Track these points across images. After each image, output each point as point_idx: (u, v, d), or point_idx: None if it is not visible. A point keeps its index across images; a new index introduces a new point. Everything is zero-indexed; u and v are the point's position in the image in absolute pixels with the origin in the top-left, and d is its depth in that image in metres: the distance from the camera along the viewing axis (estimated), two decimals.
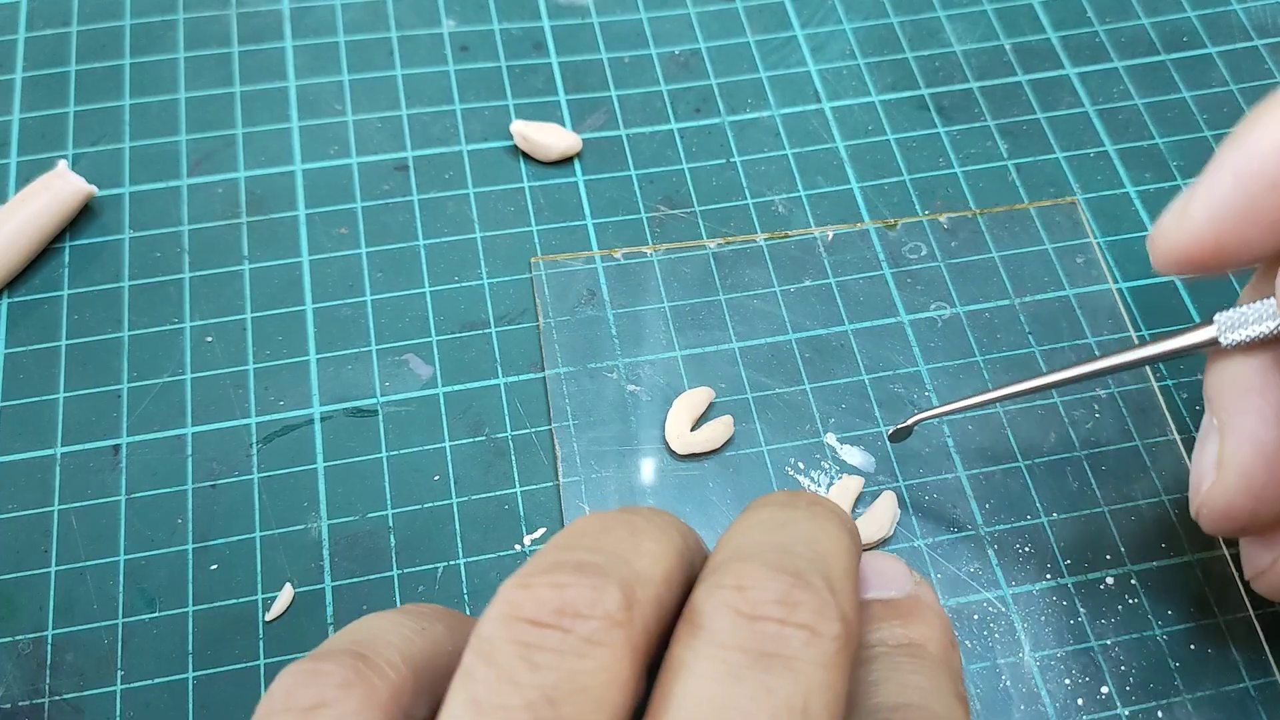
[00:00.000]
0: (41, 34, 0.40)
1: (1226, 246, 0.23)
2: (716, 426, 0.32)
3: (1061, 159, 0.38)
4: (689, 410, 0.32)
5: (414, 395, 0.33)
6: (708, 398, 0.33)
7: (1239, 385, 0.24)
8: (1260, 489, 0.23)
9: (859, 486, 0.31)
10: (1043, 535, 0.31)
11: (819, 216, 0.36)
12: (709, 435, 0.32)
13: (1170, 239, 0.23)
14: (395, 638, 0.18)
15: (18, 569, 0.30)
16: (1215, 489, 0.24)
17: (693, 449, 0.32)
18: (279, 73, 0.39)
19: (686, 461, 0.32)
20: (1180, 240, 0.23)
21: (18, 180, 0.37)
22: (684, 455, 0.32)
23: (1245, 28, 0.42)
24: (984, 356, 0.34)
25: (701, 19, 0.41)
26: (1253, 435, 0.23)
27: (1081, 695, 0.29)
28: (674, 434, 0.32)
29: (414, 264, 0.35)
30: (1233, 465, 0.23)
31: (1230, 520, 0.24)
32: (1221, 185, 0.22)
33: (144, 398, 0.33)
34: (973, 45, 0.41)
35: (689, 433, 0.32)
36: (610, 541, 0.17)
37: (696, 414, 0.32)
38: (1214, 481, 0.24)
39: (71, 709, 0.28)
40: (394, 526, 0.31)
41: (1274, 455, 0.23)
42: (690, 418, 0.32)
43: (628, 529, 0.18)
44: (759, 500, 0.20)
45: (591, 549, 0.17)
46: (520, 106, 0.39)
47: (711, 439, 0.32)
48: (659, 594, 0.16)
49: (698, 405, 0.32)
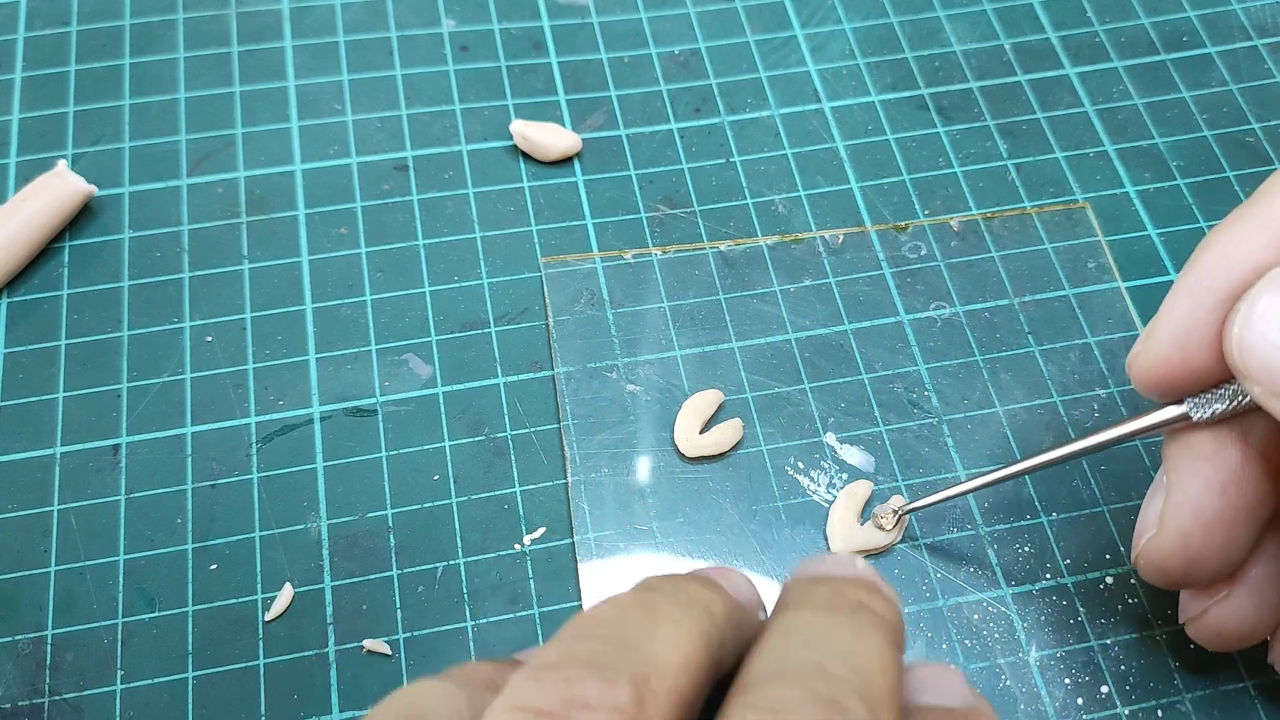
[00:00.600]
0: (41, 34, 0.40)
1: (1194, 363, 0.23)
2: (725, 429, 0.32)
3: (1061, 159, 0.38)
4: (698, 412, 0.32)
5: (414, 395, 0.33)
6: (717, 400, 0.32)
7: (1192, 450, 0.24)
8: (1195, 551, 0.24)
9: (868, 491, 0.31)
10: (1043, 535, 0.31)
11: (819, 216, 0.36)
12: (718, 438, 0.32)
13: (1142, 363, 0.24)
14: (446, 713, 0.17)
15: (18, 569, 0.30)
16: (1153, 543, 0.25)
17: (702, 451, 0.32)
18: (279, 73, 0.39)
19: (694, 464, 0.32)
20: (1151, 363, 0.24)
21: (18, 180, 0.37)
22: (693, 458, 0.32)
23: (1245, 28, 0.42)
24: (984, 356, 0.34)
25: (701, 19, 0.41)
26: (1195, 500, 0.24)
27: (1081, 695, 0.29)
28: (683, 436, 0.32)
29: (414, 264, 0.35)
30: (1172, 525, 0.24)
31: (1164, 574, 0.25)
32: (1180, 306, 0.23)
33: (143, 397, 0.33)
34: (973, 45, 0.41)
35: (698, 435, 0.32)
36: (625, 630, 0.17)
37: (706, 416, 0.32)
38: (1153, 536, 0.25)
39: (71, 709, 0.28)
40: (394, 526, 0.31)
41: (1211, 522, 0.24)
42: (700, 420, 0.32)
43: (645, 613, 0.17)
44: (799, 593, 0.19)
45: (605, 638, 0.16)
46: (520, 106, 0.39)
47: (720, 441, 0.32)
48: (677, 683, 0.16)
49: (707, 407, 0.32)
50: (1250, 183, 0.38)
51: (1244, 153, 0.38)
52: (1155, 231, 0.37)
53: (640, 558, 0.30)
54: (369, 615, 0.29)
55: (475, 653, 0.29)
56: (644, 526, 0.31)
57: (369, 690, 0.28)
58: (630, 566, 0.30)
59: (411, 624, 0.29)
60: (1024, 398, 0.33)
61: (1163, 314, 0.24)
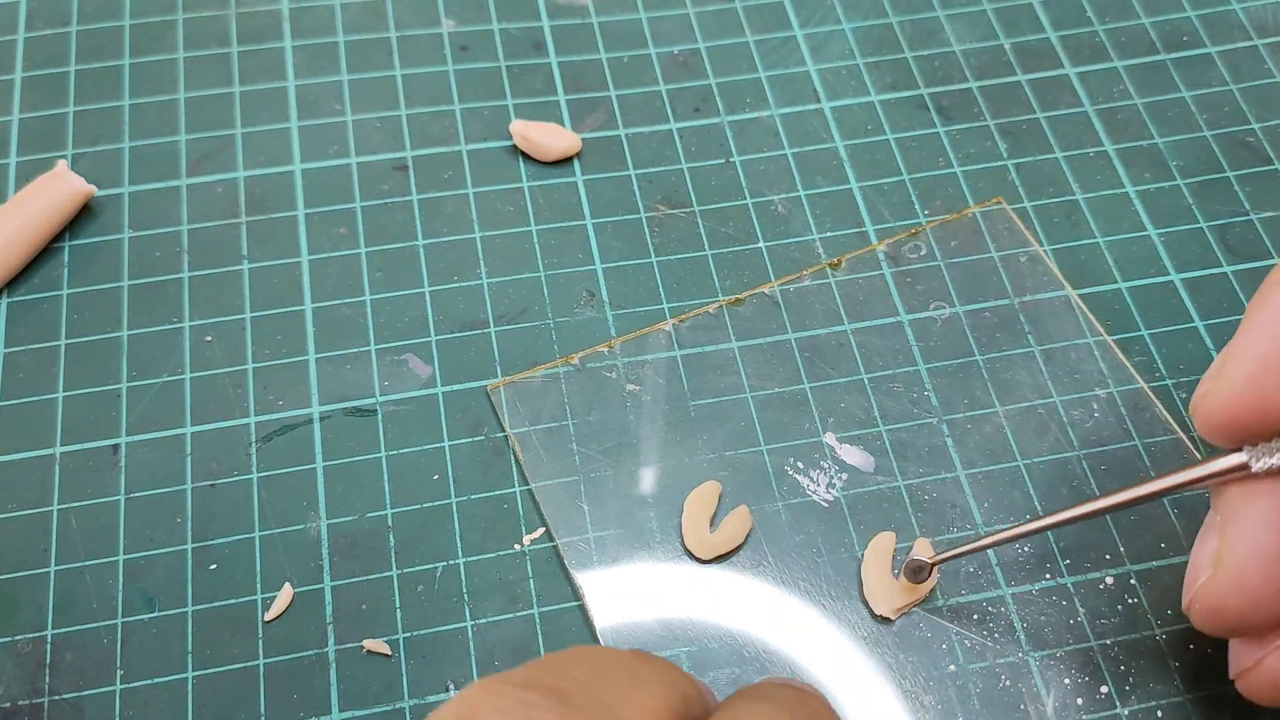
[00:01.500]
0: (41, 34, 0.40)
1: (1271, 406, 0.22)
2: (735, 521, 0.30)
3: (1061, 159, 0.38)
4: (703, 509, 0.30)
5: (413, 395, 0.33)
6: (716, 491, 0.31)
7: (1249, 485, 0.23)
8: (1255, 591, 0.23)
9: (892, 542, 0.30)
10: (1043, 535, 0.31)
11: (818, 217, 0.36)
12: (730, 533, 0.30)
13: (1211, 404, 0.23)
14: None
15: (17, 569, 0.30)
16: (1209, 585, 0.24)
17: (718, 550, 0.30)
18: (278, 73, 0.39)
19: (711, 565, 0.30)
20: (1220, 404, 0.22)
21: (17, 180, 0.37)
22: (710, 560, 0.30)
23: (1245, 28, 0.42)
24: (984, 356, 0.34)
25: (701, 19, 0.41)
26: (1254, 537, 0.23)
27: (1081, 695, 0.29)
28: (694, 539, 0.30)
29: (413, 264, 0.35)
30: (1230, 564, 0.23)
31: (1220, 618, 0.24)
32: (1257, 343, 0.22)
33: (143, 397, 0.33)
34: (972, 45, 0.41)
35: (709, 535, 0.30)
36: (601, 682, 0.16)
37: (710, 511, 0.31)
38: (1209, 578, 0.24)
39: (71, 709, 0.28)
40: (393, 526, 0.31)
41: (1272, 561, 0.23)
42: (706, 517, 0.30)
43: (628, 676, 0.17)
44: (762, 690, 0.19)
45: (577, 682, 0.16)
46: (520, 106, 0.39)
47: (734, 535, 0.30)
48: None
49: (710, 501, 0.31)
50: (1250, 183, 0.38)
51: (1244, 153, 0.38)
52: (1155, 232, 0.37)
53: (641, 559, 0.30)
54: (369, 615, 0.29)
55: (475, 652, 0.29)
56: (647, 527, 0.31)
57: (369, 690, 0.28)
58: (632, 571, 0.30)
59: (411, 624, 0.29)
60: (1024, 398, 0.33)
61: (1236, 351, 0.22)
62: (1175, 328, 0.35)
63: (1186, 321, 0.35)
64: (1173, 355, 0.34)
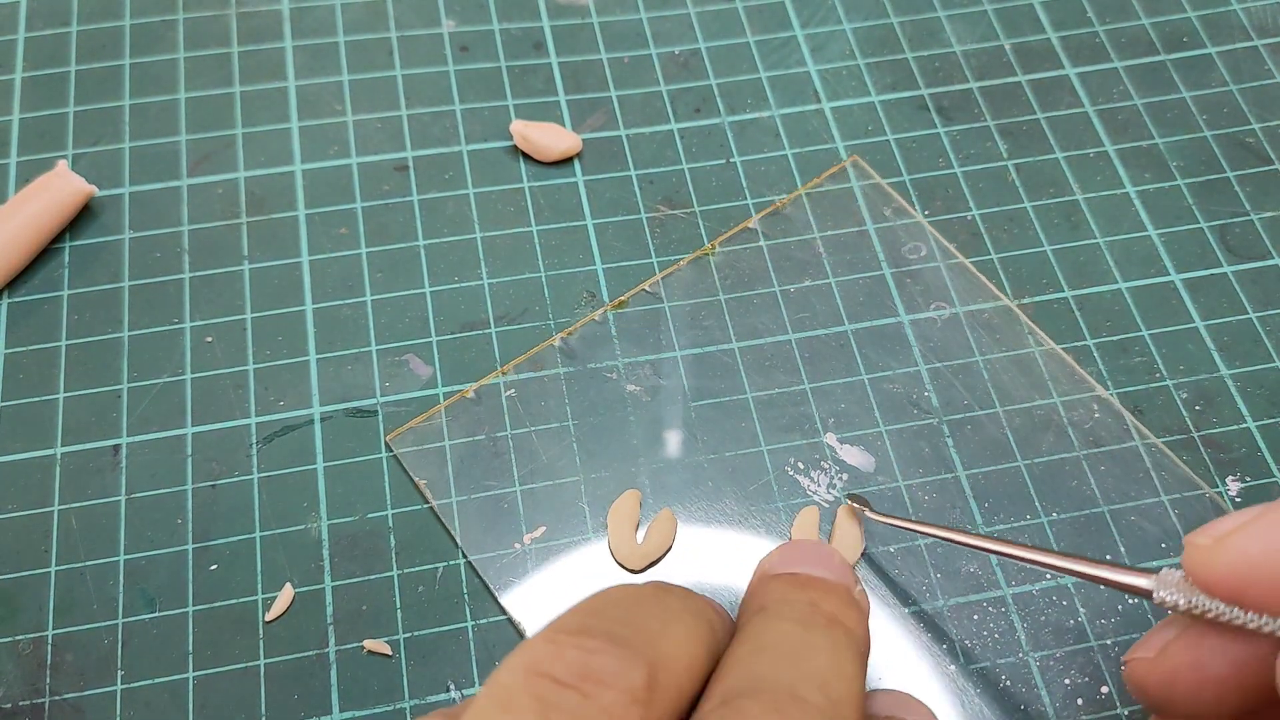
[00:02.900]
0: (41, 34, 0.40)
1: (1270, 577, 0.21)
2: (660, 525, 0.30)
3: (1061, 159, 0.38)
4: (628, 520, 0.30)
5: (414, 395, 0.33)
6: (636, 499, 0.31)
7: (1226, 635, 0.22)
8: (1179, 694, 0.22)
9: (816, 516, 0.31)
10: (1043, 535, 0.31)
11: (818, 217, 0.36)
12: (658, 539, 0.30)
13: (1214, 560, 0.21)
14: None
15: (18, 569, 0.30)
16: (1143, 666, 0.23)
17: (649, 558, 0.30)
18: (279, 73, 0.39)
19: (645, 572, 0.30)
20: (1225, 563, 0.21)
21: (18, 180, 0.37)
22: (642, 568, 0.30)
23: (1245, 28, 0.42)
24: (983, 357, 0.34)
25: (701, 19, 0.41)
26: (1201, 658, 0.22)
27: (1081, 695, 0.29)
28: (623, 551, 0.30)
29: (414, 264, 0.35)
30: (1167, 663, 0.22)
31: (1142, 696, 0.24)
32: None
33: (144, 398, 0.33)
34: (972, 45, 0.41)
35: (638, 545, 0.30)
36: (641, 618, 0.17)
37: (634, 521, 0.30)
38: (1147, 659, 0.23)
39: (71, 709, 0.28)
40: (394, 526, 0.31)
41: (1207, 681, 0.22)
42: (630, 527, 0.30)
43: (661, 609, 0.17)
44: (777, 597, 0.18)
45: (622, 622, 0.16)
46: (520, 106, 0.39)
47: (662, 542, 0.30)
48: (680, 683, 0.16)
49: (631, 512, 0.31)
50: (1250, 183, 0.38)
51: (1244, 153, 0.38)
52: (1155, 232, 0.37)
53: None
54: (369, 615, 0.29)
55: (475, 652, 0.29)
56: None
57: (369, 690, 0.28)
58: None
59: (411, 624, 0.29)
60: (1024, 398, 0.33)
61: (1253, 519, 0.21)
62: (1175, 328, 0.35)
63: (1186, 322, 0.35)
64: (1173, 355, 0.34)
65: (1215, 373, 0.34)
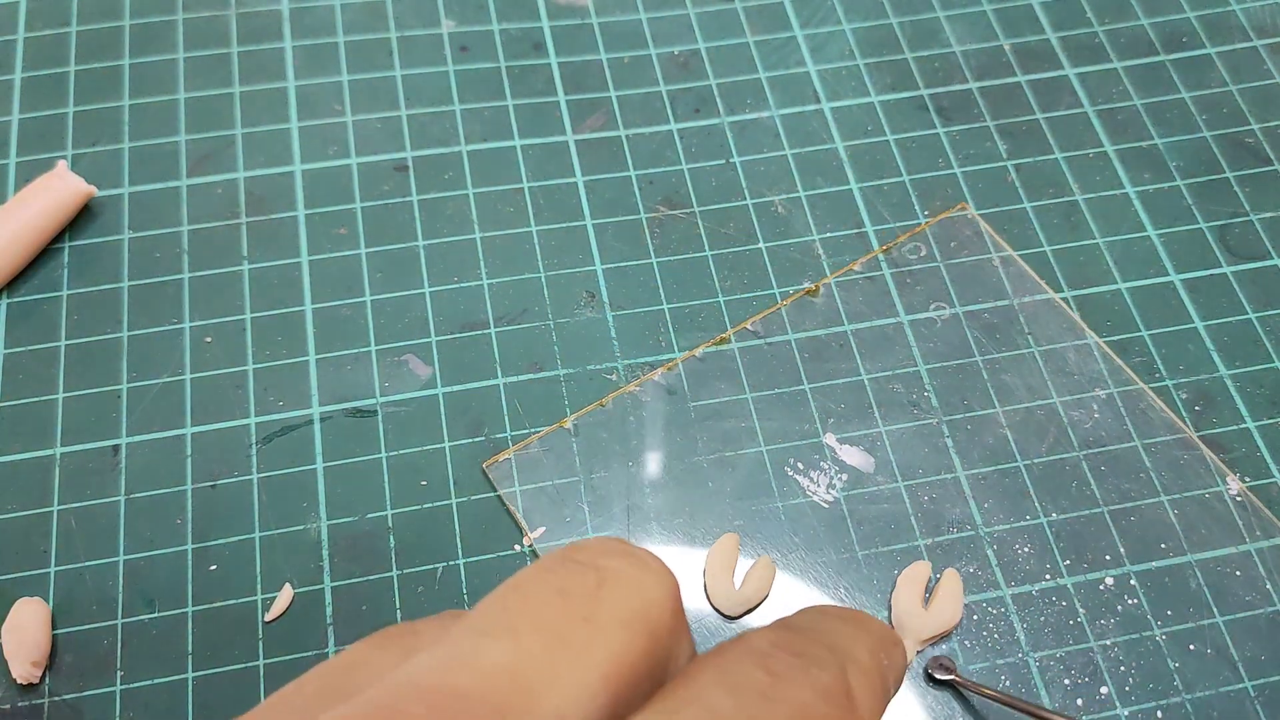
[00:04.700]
0: (41, 34, 0.40)
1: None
2: (760, 572, 0.30)
3: (1061, 159, 0.38)
4: (725, 563, 0.30)
5: (413, 396, 0.33)
6: (734, 543, 0.30)
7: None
8: None
9: (928, 571, 0.30)
10: (1043, 535, 0.31)
11: (818, 217, 0.36)
12: (757, 585, 0.29)
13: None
14: (379, 662, 0.16)
15: (18, 569, 0.30)
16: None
17: (747, 605, 0.29)
18: (279, 73, 0.39)
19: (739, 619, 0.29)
20: None
21: (17, 180, 0.37)
22: (738, 615, 0.29)
23: (1245, 28, 0.42)
24: (983, 357, 0.34)
25: (701, 19, 0.41)
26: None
27: (1081, 695, 0.29)
28: (720, 595, 0.29)
29: (413, 264, 0.35)
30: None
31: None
32: None
33: (143, 398, 0.33)
34: (972, 46, 0.41)
35: (735, 590, 0.29)
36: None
37: (733, 565, 0.30)
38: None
39: (71, 709, 0.28)
40: (393, 527, 0.31)
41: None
42: (729, 571, 0.30)
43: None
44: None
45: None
46: (520, 107, 0.39)
47: (760, 588, 0.29)
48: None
49: (731, 555, 0.30)
50: (1250, 183, 0.38)
51: (1244, 153, 0.38)
52: (1155, 232, 0.37)
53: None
54: (369, 616, 0.29)
55: None
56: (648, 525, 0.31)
57: None
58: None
59: None
60: (1024, 398, 0.33)
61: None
62: (1175, 328, 0.35)
63: (1186, 322, 0.35)
64: (1173, 355, 0.34)
65: (1215, 373, 0.34)
